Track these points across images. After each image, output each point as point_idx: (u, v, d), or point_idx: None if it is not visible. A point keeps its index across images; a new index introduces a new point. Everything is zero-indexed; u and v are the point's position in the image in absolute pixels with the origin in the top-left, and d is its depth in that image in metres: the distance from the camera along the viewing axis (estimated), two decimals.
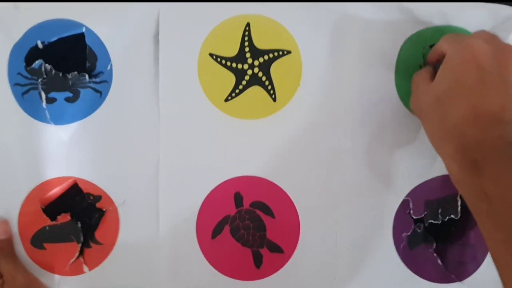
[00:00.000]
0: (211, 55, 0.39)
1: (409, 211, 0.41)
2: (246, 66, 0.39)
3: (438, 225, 0.42)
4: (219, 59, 0.39)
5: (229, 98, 0.40)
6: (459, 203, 0.41)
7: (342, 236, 0.41)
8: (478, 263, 0.42)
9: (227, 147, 0.40)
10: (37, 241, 0.40)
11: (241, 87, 0.40)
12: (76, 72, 0.39)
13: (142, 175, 0.40)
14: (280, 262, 0.41)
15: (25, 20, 0.38)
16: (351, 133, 0.40)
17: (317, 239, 0.41)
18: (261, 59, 0.39)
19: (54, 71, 0.39)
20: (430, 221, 0.41)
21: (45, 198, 0.40)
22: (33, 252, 0.40)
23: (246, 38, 0.39)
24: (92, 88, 0.39)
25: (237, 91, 0.40)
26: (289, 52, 0.39)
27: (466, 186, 0.32)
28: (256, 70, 0.39)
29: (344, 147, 0.40)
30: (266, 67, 0.39)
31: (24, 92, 0.39)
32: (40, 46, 0.39)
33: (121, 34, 0.39)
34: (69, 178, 0.40)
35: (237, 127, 0.40)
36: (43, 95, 0.39)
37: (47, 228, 0.40)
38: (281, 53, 0.39)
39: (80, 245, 0.40)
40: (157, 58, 0.39)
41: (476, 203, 0.31)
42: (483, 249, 0.42)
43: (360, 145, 0.40)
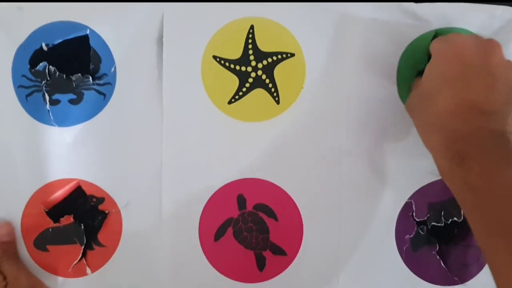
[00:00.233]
0: (215, 58, 0.39)
1: (412, 214, 0.41)
2: (250, 69, 0.39)
3: (441, 227, 0.42)
4: (223, 62, 0.39)
5: (233, 101, 0.40)
6: None
7: (345, 239, 0.41)
8: (481, 265, 0.42)
9: (230, 150, 0.40)
10: (40, 243, 0.40)
11: (245, 90, 0.40)
12: (80, 74, 0.39)
13: (145, 177, 0.40)
14: (283, 265, 0.41)
15: (30, 23, 0.39)
16: (354, 135, 0.40)
17: (320, 242, 0.41)
18: (265, 62, 0.39)
19: (58, 73, 0.39)
20: (433, 224, 0.41)
21: (48, 200, 0.40)
22: (36, 254, 0.40)
23: (250, 41, 0.39)
24: (96, 90, 0.39)
25: (241, 94, 0.40)
26: (293, 55, 0.40)
27: (452, 179, 0.32)
28: (260, 73, 0.40)
29: (347, 150, 0.40)
30: (270, 70, 0.40)
31: (28, 94, 0.39)
32: (45, 48, 0.39)
33: (125, 36, 0.39)
34: (72, 180, 0.40)
35: (240, 130, 0.40)
36: (47, 97, 0.39)
37: (50, 230, 0.40)
38: (285, 56, 0.39)
39: (83, 247, 0.40)
40: (161, 60, 0.39)
41: (462, 195, 0.31)
42: None
43: (363, 147, 0.40)
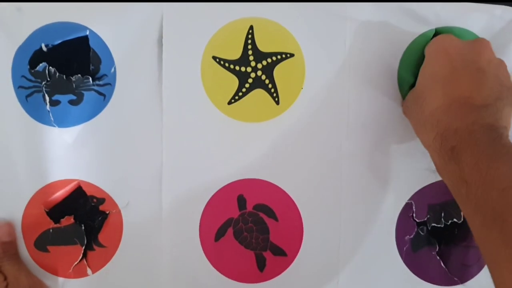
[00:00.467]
0: (214, 58, 0.39)
1: (412, 214, 0.41)
2: (249, 69, 0.39)
3: (441, 228, 0.42)
4: (222, 62, 0.39)
5: (232, 101, 0.40)
6: None
7: (345, 239, 0.41)
8: (481, 266, 0.42)
9: (230, 150, 0.40)
10: (41, 244, 0.40)
11: (244, 90, 0.40)
12: (80, 75, 0.39)
13: (146, 178, 0.40)
14: (283, 265, 0.41)
15: (29, 23, 0.39)
16: (354, 136, 0.40)
17: (320, 242, 0.41)
18: (264, 62, 0.39)
19: (58, 74, 0.39)
20: (433, 225, 0.41)
21: (49, 201, 0.40)
22: (37, 255, 0.40)
23: (249, 41, 0.39)
24: (96, 91, 0.39)
25: (240, 94, 0.40)
26: (292, 55, 0.39)
27: (447, 173, 0.33)
28: (259, 73, 0.39)
29: (347, 150, 0.40)
30: (269, 70, 0.39)
31: (28, 95, 0.39)
32: (44, 49, 0.39)
33: (125, 37, 0.39)
34: (73, 181, 0.40)
35: (240, 130, 0.40)
36: (47, 98, 0.39)
37: (51, 231, 0.40)
38: (284, 56, 0.39)
39: (84, 248, 0.40)
40: (161, 61, 0.39)
41: (456, 189, 0.32)
42: None
43: (364, 148, 0.40)
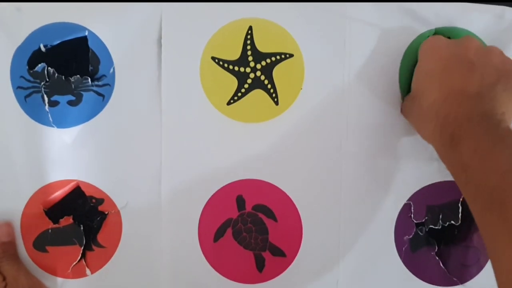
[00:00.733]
0: (214, 59, 0.39)
1: (411, 215, 0.41)
2: (249, 70, 0.39)
3: (441, 228, 0.41)
4: (222, 63, 0.39)
5: (231, 102, 0.40)
6: (460, 210, 0.41)
7: (345, 239, 0.41)
8: (481, 266, 0.42)
9: (229, 150, 0.40)
10: (40, 244, 0.40)
11: (243, 91, 0.40)
12: (79, 76, 0.39)
13: (145, 178, 0.40)
14: (283, 266, 0.41)
15: (28, 24, 0.38)
16: (354, 137, 0.40)
17: (320, 243, 0.41)
18: (263, 63, 0.39)
19: (57, 75, 0.39)
20: (430, 227, 0.41)
21: (48, 201, 0.40)
22: (36, 255, 0.40)
23: (249, 42, 0.39)
24: (95, 92, 0.39)
25: (239, 95, 0.40)
26: (291, 55, 0.39)
27: (448, 160, 0.34)
28: (259, 74, 0.39)
29: (347, 150, 0.40)
30: (268, 71, 0.39)
31: (27, 95, 0.39)
32: (43, 50, 0.39)
33: (124, 38, 0.39)
34: (72, 181, 0.40)
35: (240, 131, 0.40)
36: (46, 99, 0.39)
37: (50, 231, 0.40)
38: (283, 57, 0.39)
39: (82, 248, 0.40)
40: (160, 61, 0.39)
41: (457, 175, 0.32)
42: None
43: (363, 149, 0.40)
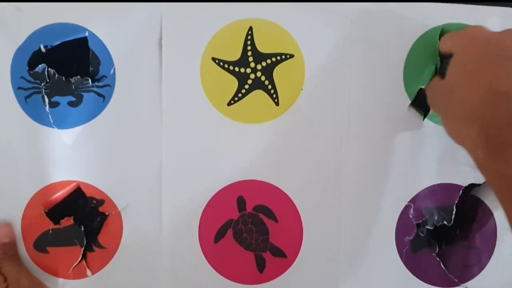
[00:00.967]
0: (214, 59, 0.39)
1: (411, 216, 0.41)
2: (249, 70, 0.39)
3: (443, 228, 0.41)
4: (222, 63, 0.39)
5: (232, 102, 0.40)
6: (454, 212, 0.41)
7: (345, 240, 0.41)
8: (482, 266, 0.42)
9: (230, 151, 0.40)
10: (40, 245, 0.40)
11: (244, 91, 0.40)
12: (79, 76, 0.39)
13: (145, 179, 0.40)
14: (283, 267, 0.41)
15: (28, 24, 0.38)
16: (354, 136, 0.40)
17: (320, 244, 0.41)
18: (264, 63, 0.39)
19: (57, 75, 0.39)
20: (427, 228, 0.41)
21: (48, 202, 0.40)
22: (36, 256, 0.40)
23: (249, 42, 0.39)
24: (95, 92, 0.39)
25: (240, 95, 0.40)
26: (292, 56, 0.39)
27: (490, 170, 0.31)
28: (259, 74, 0.39)
29: (347, 151, 0.40)
30: (269, 71, 0.39)
31: (27, 96, 0.39)
32: (43, 50, 0.39)
33: (124, 38, 0.39)
34: (72, 182, 0.40)
35: (240, 131, 0.40)
36: (46, 99, 0.39)
37: (50, 232, 0.40)
38: (284, 57, 0.39)
39: (83, 249, 0.40)
40: (160, 62, 0.39)
41: (502, 188, 0.30)
42: (489, 251, 0.42)
43: (363, 149, 0.40)
